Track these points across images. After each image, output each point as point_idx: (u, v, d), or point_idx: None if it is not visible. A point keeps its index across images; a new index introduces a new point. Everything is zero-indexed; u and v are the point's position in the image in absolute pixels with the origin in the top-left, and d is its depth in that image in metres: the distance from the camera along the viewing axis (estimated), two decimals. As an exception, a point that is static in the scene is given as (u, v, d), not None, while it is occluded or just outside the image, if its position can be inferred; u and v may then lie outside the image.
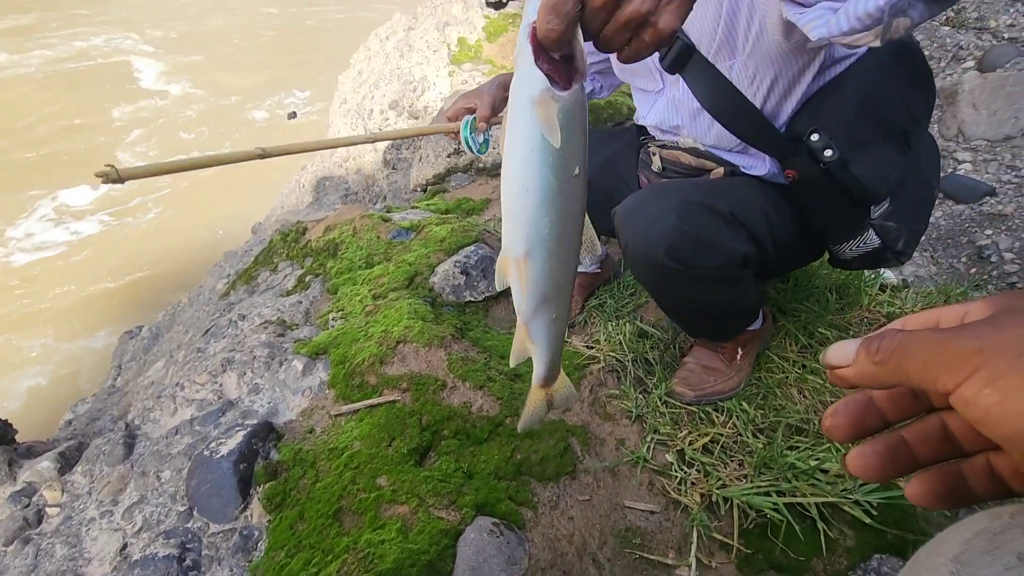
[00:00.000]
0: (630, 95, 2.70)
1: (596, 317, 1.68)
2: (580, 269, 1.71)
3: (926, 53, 2.57)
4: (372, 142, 1.31)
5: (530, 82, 0.56)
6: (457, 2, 3.99)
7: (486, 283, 1.83)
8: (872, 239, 1.11)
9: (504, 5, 1.27)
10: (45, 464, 1.42)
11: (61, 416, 2.67)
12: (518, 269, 0.67)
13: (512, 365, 0.77)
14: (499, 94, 1.28)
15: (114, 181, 0.85)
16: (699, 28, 1.01)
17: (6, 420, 1.81)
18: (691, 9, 0.54)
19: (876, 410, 0.35)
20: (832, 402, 1.31)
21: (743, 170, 1.17)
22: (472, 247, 1.90)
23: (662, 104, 1.16)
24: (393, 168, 3.48)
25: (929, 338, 0.28)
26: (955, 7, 2.67)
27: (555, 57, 0.54)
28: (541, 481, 1.17)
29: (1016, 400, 0.24)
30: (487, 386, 1.34)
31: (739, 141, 1.11)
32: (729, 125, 1.06)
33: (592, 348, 1.53)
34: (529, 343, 0.75)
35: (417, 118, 3.54)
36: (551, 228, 0.64)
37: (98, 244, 7.28)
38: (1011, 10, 2.46)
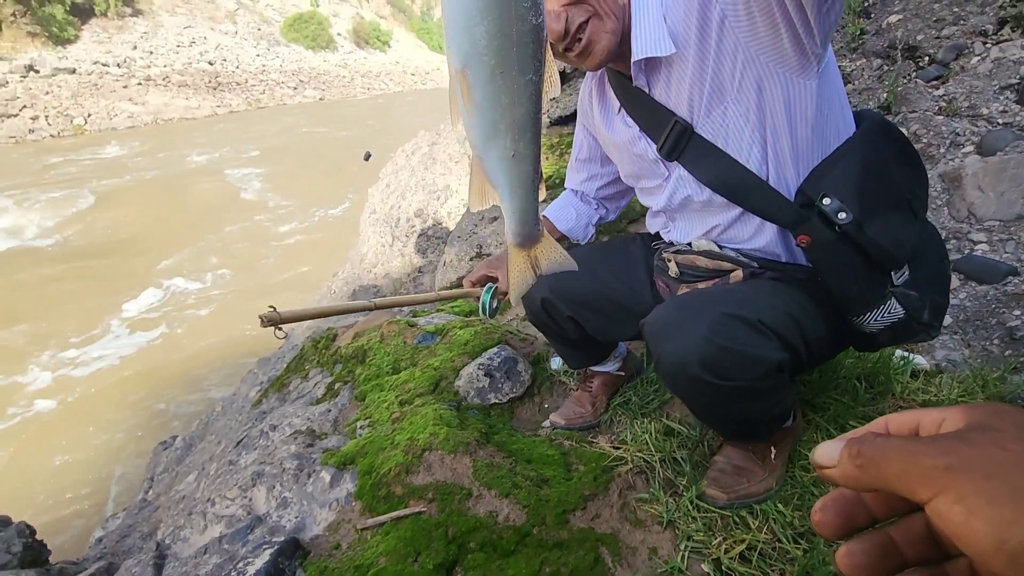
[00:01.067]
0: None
1: (621, 416, 1.67)
2: (602, 369, 1.72)
3: (924, 141, 2.68)
4: (435, 301, 1.42)
5: None
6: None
7: (510, 384, 1.85)
8: (896, 309, 1.10)
9: None
10: (76, 587, 1.42)
11: (93, 531, 2.67)
12: (460, 86, 0.62)
13: (472, 209, 0.69)
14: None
15: (273, 323, 0.93)
16: (691, 85, 1.06)
17: (41, 541, 1.84)
18: None
19: (863, 507, 0.35)
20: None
21: (756, 260, 1.19)
22: (495, 349, 1.95)
23: (670, 186, 1.21)
24: (419, 271, 3.65)
25: (904, 448, 0.29)
26: (947, 98, 2.80)
27: None
28: (572, 597, 1.12)
29: (981, 520, 0.26)
30: (513, 493, 1.32)
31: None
32: (736, 199, 1.10)
33: (619, 448, 1.51)
34: (489, 186, 0.68)
35: (441, 223, 3.76)
36: (488, 40, 0.59)
37: (144, 352, 7.59)
38: (1001, 97, 2.57)
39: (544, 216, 1.54)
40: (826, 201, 1.03)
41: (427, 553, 1.19)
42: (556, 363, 1.96)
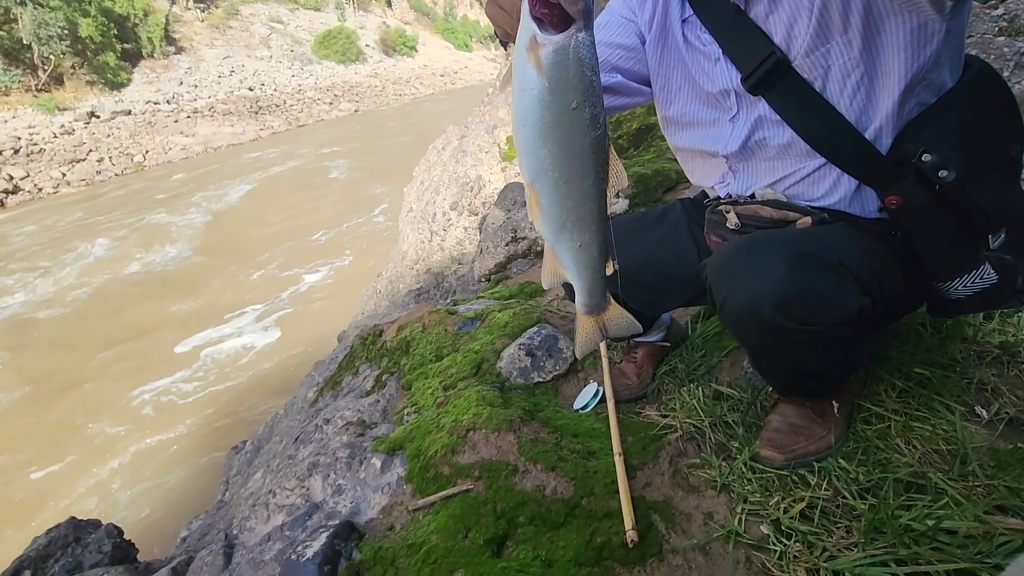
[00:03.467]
0: (674, 159, 2.73)
1: (669, 384, 1.62)
2: (647, 339, 1.67)
3: (985, 66, 2.45)
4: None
5: (524, 31, 0.64)
6: (502, 106, 4.35)
7: (552, 362, 1.83)
8: (989, 274, 1.00)
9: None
10: (159, 580, 1.52)
11: (180, 532, 2.86)
12: (531, 195, 0.74)
13: (545, 287, 0.84)
14: None
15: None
16: (797, 14, 0.94)
17: (129, 541, 1.98)
18: None
19: None
20: (949, 450, 1.16)
21: (828, 213, 1.08)
22: (535, 328, 1.93)
23: (743, 126, 1.07)
24: (459, 263, 3.68)
25: None
26: (1007, 17, 2.56)
27: (549, 2, 0.61)
28: (625, 565, 1.10)
29: None
30: (559, 466, 1.31)
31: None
32: (823, 148, 1.00)
33: (667, 416, 1.47)
34: (561, 268, 0.81)
35: (476, 215, 3.78)
36: (552, 159, 0.69)
37: (223, 367, 8.14)
38: (1070, 8, 2.32)
39: None
40: (926, 157, 0.92)
41: (477, 529, 1.20)
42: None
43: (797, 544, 1.05)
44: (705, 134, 1.16)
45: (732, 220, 1.17)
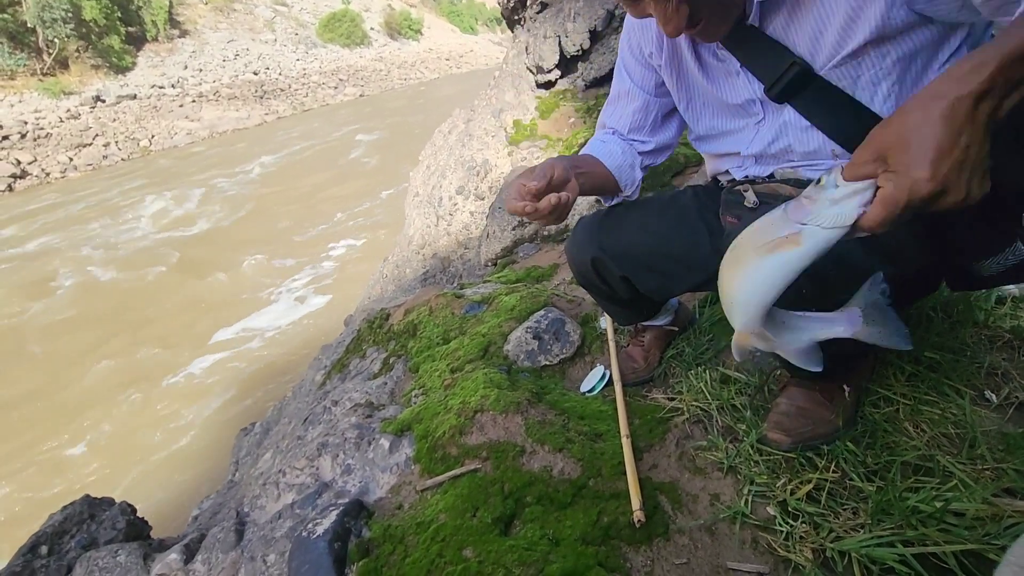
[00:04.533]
0: (686, 143, 2.70)
1: (676, 367, 1.63)
2: (654, 323, 1.68)
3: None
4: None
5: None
6: (509, 89, 4.31)
7: (559, 346, 1.84)
8: (1020, 250, 0.99)
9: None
10: (173, 556, 1.55)
11: (191, 511, 2.91)
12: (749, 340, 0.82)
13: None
14: (558, 166, 1.10)
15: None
16: (817, 29, 0.93)
17: (143, 518, 2.01)
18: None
19: None
20: (957, 434, 1.16)
21: None
22: (542, 312, 1.93)
23: (768, 131, 1.07)
24: (466, 248, 3.67)
25: None
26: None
27: None
28: (632, 544, 1.11)
29: None
30: (566, 448, 1.32)
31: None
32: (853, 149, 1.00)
33: (674, 399, 1.47)
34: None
35: (483, 199, 3.76)
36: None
37: (232, 351, 8.22)
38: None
39: (586, 154, 1.33)
40: None
41: (485, 508, 1.21)
42: (604, 322, 1.93)
43: (803, 525, 1.05)
44: (725, 139, 1.17)
45: (750, 198, 1.17)
